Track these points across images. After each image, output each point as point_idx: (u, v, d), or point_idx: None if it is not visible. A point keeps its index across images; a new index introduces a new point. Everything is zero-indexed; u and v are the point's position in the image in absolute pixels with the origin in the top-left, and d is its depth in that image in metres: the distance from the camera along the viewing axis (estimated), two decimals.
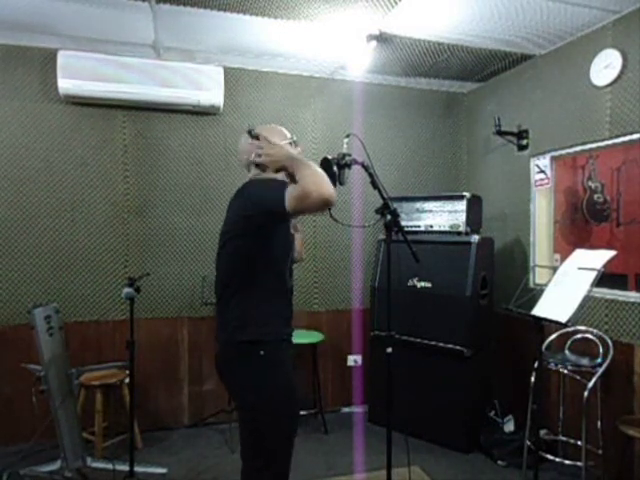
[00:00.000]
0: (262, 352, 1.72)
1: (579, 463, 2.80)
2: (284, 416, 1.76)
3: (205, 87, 3.56)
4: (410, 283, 3.61)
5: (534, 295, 2.99)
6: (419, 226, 3.77)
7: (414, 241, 2.01)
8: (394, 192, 3.99)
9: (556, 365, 2.98)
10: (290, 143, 1.89)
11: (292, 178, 1.72)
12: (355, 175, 2.00)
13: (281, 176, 1.77)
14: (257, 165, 1.81)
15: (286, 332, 1.84)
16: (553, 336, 3.22)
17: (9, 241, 3.42)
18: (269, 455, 1.74)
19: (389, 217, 1.92)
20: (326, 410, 3.91)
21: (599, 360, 2.89)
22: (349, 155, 1.87)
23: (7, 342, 3.38)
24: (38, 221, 3.47)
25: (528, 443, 3.00)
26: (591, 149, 3.19)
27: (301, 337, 3.66)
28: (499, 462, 3.22)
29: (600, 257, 2.49)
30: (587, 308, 3.08)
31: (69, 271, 3.54)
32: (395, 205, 1.96)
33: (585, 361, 2.94)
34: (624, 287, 3.01)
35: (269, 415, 1.72)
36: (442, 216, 3.67)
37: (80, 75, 3.33)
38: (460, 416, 3.40)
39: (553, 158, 3.51)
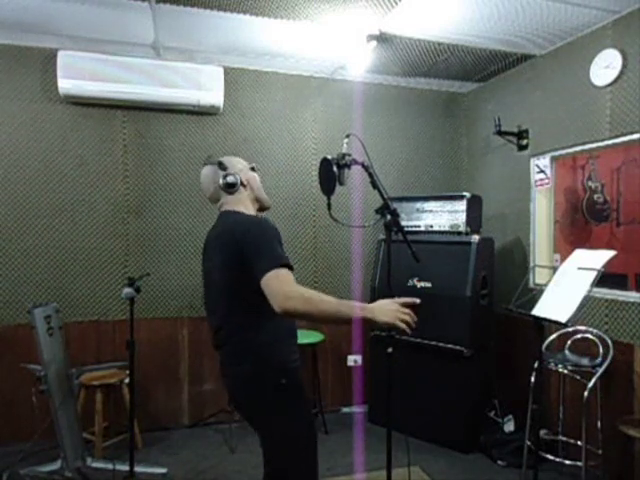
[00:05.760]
0: (284, 380, 1.68)
1: (579, 463, 2.80)
2: (311, 443, 1.78)
3: (205, 87, 3.56)
4: (410, 283, 3.61)
5: (534, 295, 2.99)
6: (419, 226, 3.77)
7: (414, 241, 2.01)
8: (394, 192, 4.00)
9: (556, 365, 2.98)
10: (251, 168, 1.93)
11: (260, 208, 1.94)
12: (355, 175, 1.99)
13: (255, 212, 1.89)
14: (227, 186, 1.83)
15: (297, 354, 1.81)
16: (553, 336, 3.22)
17: (9, 241, 3.41)
18: None
19: (389, 217, 1.91)
20: (326, 410, 3.91)
21: (599, 360, 2.89)
22: (349, 155, 1.87)
23: (7, 342, 3.38)
24: (38, 221, 3.47)
25: (528, 443, 3.00)
26: (591, 149, 3.19)
27: (301, 337, 3.58)
28: (499, 462, 3.22)
29: (600, 257, 2.48)
30: (587, 308, 3.08)
31: (69, 271, 3.54)
32: (395, 205, 1.95)
33: (585, 361, 2.94)
34: (624, 287, 3.01)
35: (299, 444, 1.73)
36: (442, 216, 3.67)
37: (80, 75, 3.33)
38: (460, 416, 3.40)
39: (553, 158, 3.51)
